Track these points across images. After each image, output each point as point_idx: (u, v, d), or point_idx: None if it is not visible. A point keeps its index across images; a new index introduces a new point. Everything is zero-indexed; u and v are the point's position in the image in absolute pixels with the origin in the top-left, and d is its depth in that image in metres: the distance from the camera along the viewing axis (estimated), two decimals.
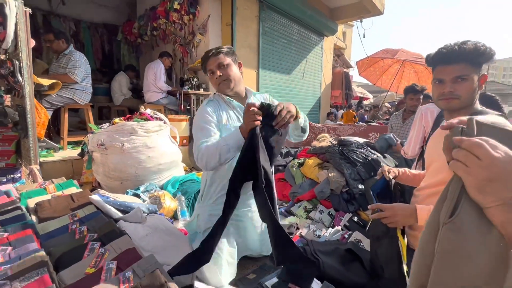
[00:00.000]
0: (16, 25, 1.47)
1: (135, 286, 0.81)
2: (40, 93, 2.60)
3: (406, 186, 1.32)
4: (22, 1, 1.53)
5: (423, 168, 1.74)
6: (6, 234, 0.98)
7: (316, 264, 1.36)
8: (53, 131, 3.72)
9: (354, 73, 8.82)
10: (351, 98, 9.61)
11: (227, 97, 1.39)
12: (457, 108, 1.07)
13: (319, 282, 1.25)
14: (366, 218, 2.11)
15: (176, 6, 4.08)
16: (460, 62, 1.00)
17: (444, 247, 0.46)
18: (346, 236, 1.76)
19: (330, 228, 1.87)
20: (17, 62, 1.48)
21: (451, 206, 0.47)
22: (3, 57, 1.68)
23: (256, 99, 1.46)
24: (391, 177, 1.24)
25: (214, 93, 1.50)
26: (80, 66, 3.06)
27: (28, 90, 1.54)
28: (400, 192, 1.31)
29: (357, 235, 1.73)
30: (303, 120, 1.37)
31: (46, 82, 2.64)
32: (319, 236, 1.78)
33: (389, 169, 1.26)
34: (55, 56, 3.20)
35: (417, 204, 1.03)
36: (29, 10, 1.56)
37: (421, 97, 2.77)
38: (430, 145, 1.17)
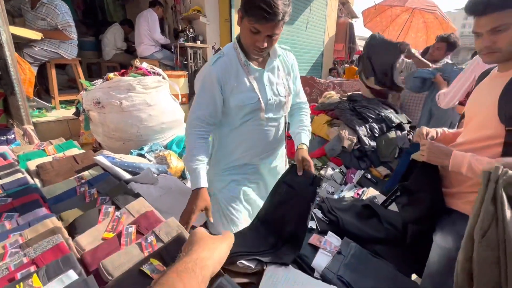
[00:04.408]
0: None
1: (160, 251, 0.76)
2: (18, 45, 2.32)
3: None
4: None
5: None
6: (10, 199, 0.90)
7: (335, 221, 1.34)
8: (42, 90, 3.47)
9: (356, 25, 8.20)
10: (354, 52, 9.11)
11: (245, 60, 1.11)
12: (502, 61, 0.95)
13: (339, 238, 1.24)
14: (378, 174, 2.08)
15: None
16: (494, 11, 0.87)
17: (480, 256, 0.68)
18: (359, 193, 1.74)
19: (343, 185, 1.85)
20: None
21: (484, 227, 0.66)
22: None
23: (279, 61, 1.20)
24: (428, 139, 1.13)
25: (217, 47, 1.27)
26: (71, 21, 2.76)
27: (6, 38, 1.32)
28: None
29: (371, 192, 1.71)
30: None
31: (33, 35, 2.34)
32: (332, 193, 1.76)
33: (428, 130, 1.14)
34: (30, 4, 2.79)
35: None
36: None
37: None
38: (473, 97, 1.06)
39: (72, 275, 0.65)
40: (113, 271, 0.70)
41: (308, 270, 1.10)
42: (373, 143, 2.16)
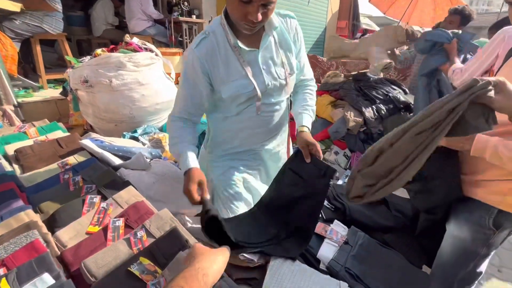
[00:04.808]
0: None
1: (151, 248, 0.67)
2: None
3: None
4: None
5: None
6: None
7: (341, 209, 1.27)
8: (29, 68, 3.27)
9: (361, 1, 7.72)
10: (358, 30, 8.71)
11: (235, 41, 0.93)
12: None
13: (345, 227, 1.17)
14: None
15: None
16: None
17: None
18: None
19: (348, 170, 1.76)
20: None
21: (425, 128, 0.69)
22: None
23: (276, 34, 1.01)
24: None
25: (210, 22, 1.04)
26: None
27: None
28: None
29: None
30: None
31: (10, 5, 2.13)
32: (336, 178, 1.68)
33: None
34: None
35: None
36: None
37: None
38: (505, 73, 0.94)
39: (47, 279, 0.56)
40: (97, 272, 0.62)
41: (313, 261, 1.03)
42: (379, 125, 2.05)
